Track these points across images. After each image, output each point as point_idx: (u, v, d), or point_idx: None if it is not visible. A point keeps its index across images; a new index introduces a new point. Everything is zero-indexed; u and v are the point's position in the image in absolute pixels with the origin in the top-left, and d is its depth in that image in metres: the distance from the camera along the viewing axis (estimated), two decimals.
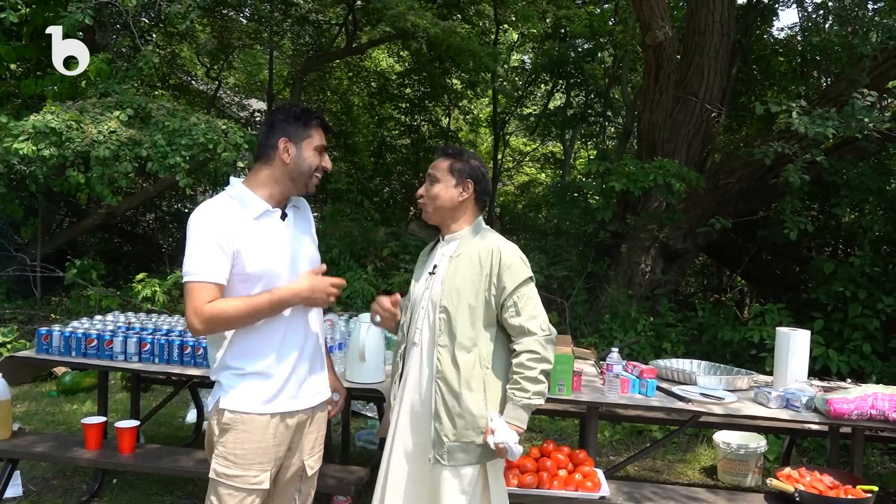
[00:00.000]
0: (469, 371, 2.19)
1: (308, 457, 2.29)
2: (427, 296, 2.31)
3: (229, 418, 2.10)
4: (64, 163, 5.85)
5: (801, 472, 2.87)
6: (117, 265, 10.27)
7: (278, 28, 11.37)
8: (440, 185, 2.31)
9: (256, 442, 2.11)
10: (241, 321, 2.07)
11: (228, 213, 2.10)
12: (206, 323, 2.02)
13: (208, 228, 2.05)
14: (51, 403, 5.50)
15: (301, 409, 2.20)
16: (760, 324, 5.68)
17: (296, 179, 2.19)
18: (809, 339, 3.32)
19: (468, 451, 2.19)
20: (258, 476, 2.11)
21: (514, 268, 2.22)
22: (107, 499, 3.73)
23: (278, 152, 2.16)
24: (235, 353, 2.13)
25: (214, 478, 2.12)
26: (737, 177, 7.14)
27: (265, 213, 2.15)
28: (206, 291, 2.02)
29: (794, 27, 8.94)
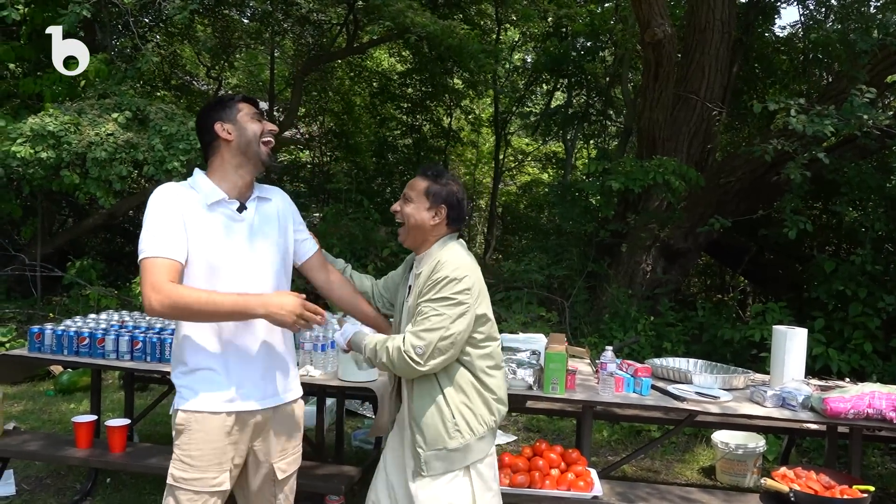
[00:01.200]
0: (426, 387, 2.17)
1: (278, 459, 2.21)
2: (406, 313, 2.28)
3: (183, 419, 2.04)
4: (60, 164, 5.85)
5: (796, 472, 2.83)
6: (119, 265, 10.27)
7: (279, 28, 11.37)
8: (412, 205, 2.24)
9: (213, 442, 2.04)
10: (198, 314, 1.96)
11: (185, 196, 2.05)
12: (164, 302, 1.90)
13: (167, 207, 2.01)
14: (48, 403, 5.49)
15: (260, 409, 2.13)
16: (761, 323, 5.63)
17: (246, 151, 2.13)
18: (806, 337, 3.28)
19: (442, 459, 2.15)
20: (217, 477, 2.06)
21: (439, 283, 2.12)
22: (100, 498, 3.71)
23: (219, 136, 2.12)
24: (187, 349, 2.07)
25: (172, 483, 2.04)
26: (738, 175, 7.10)
27: (219, 202, 2.09)
28: (164, 268, 1.94)
29: (796, 25, 8.88)
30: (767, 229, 6.67)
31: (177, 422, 2.05)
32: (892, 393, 2.87)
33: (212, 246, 2.04)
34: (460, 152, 14.36)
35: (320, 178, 12.83)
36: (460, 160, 14.67)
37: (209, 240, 2.04)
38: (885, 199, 5.62)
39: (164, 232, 1.98)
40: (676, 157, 6.67)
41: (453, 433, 2.15)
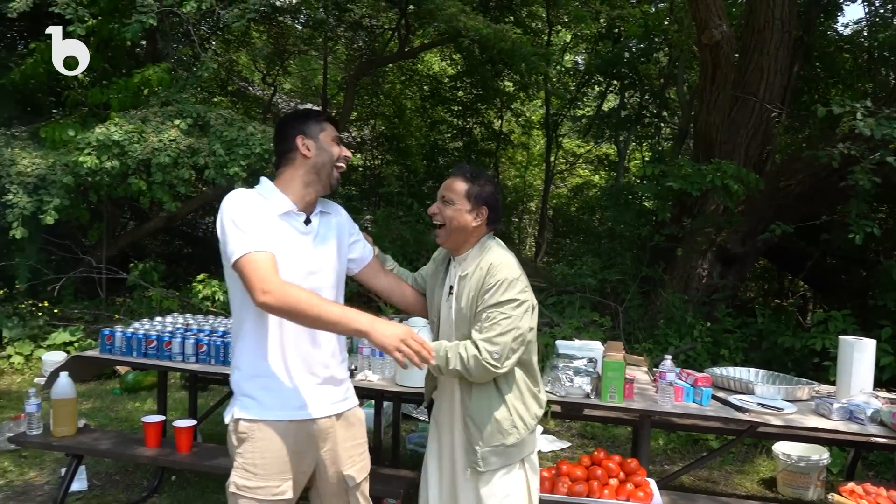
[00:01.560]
0: (484, 388, 2.23)
1: (348, 467, 2.21)
2: (447, 315, 2.32)
3: (246, 427, 2.04)
4: (126, 171, 6.07)
5: (865, 488, 2.75)
6: (178, 267, 10.58)
7: (332, 34, 11.55)
8: (453, 208, 2.24)
9: (276, 450, 2.05)
10: (303, 316, 1.91)
11: (259, 202, 2.07)
12: (278, 295, 1.89)
13: (250, 208, 2.02)
14: (114, 401, 5.70)
15: (322, 416, 2.14)
16: (823, 331, 5.48)
17: (320, 171, 2.15)
18: (875, 348, 3.18)
19: (500, 454, 2.23)
20: (280, 486, 2.05)
21: (496, 286, 2.16)
22: (166, 495, 3.84)
23: (298, 150, 2.13)
24: (249, 357, 2.07)
25: (235, 491, 2.04)
26: (798, 178, 6.90)
27: (288, 213, 2.11)
28: (267, 261, 1.94)
29: (861, 23, 8.60)
30: (830, 234, 6.47)
31: (239, 430, 2.05)
32: None
33: (280, 256, 2.03)
34: (511, 155, 14.34)
35: (372, 181, 12.97)
36: (511, 163, 14.65)
37: (278, 250, 2.03)
38: None
39: (254, 229, 1.98)
40: (734, 160, 6.53)
41: (510, 430, 2.24)
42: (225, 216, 2.01)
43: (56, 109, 9.07)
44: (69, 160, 6.09)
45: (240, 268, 1.95)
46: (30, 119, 8.65)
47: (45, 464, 4.24)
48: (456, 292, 2.27)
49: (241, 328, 2.09)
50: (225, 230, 2.00)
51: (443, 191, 2.28)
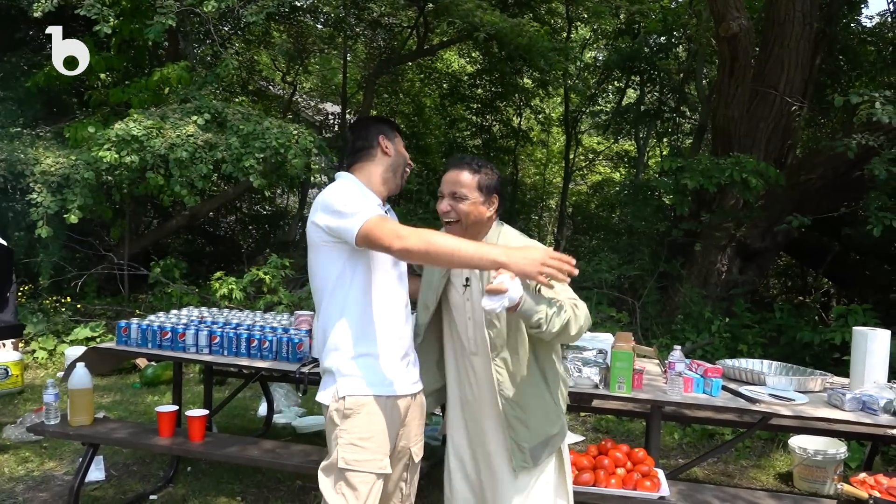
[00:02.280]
0: (527, 377, 2.24)
1: (414, 444, 2.32)
2: (468, 308, 2.29)
3: (353, 403, 2.11)
4: (145, 167, 6.16)
5: (877, 479, 2.71)
6: (199, 265, 10.70)
7: (351, 32, 11.61)
8: (468, 202, 2.23)
9: (382, 424, 2.13)
10: (440, 252, 1.93)
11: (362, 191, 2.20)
12: (411, 238, 1.94)
13: (355, 192, 2.13)
14: (134, 394, 5.79)
15: (408, 394, 2.24)
16: (843, 325, 5.40)
17: (396, 171, 2.29)
18: (889, 339, 3.13)
19: (546, 445, 2.26)
20: (383, 460, 2.13)
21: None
22: (181, 485, 3.90)
23: (380, 147, 2.26)
24: (349, 337, 2.14)
25: (344, 466, 2.08)
26: (819, 172, 6.82)
27: (377, 206, 2.20)
28: (387, 219, 2.05)
29: (885, 14, 8.45)
30: (851, 228, 6.37)
31: (346, 406, 2.10)
32: None
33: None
34: (530, 152, 14.30)
35: None
36: (530, 160, 14.61)
37: None
38: None
39: (364, 204, 2.07)
40: (754, 155, 6.45)
41: (556, 419, 2.28)
42: (334, 203, 2.08)
43: (80, 110, 9.25)
44: (89, 156, 6.20)
45: (365, 234, 2.01)
46: (55, 120, 8.84)
47: (64, 455, 4.32)
48: (478, 287, 2.26)
49: (340, 310, 2.15)
50: (336, 213, 2.07)
51: (451, 186, 2.25)
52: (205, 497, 3.75)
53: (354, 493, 2.07)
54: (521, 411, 2.23)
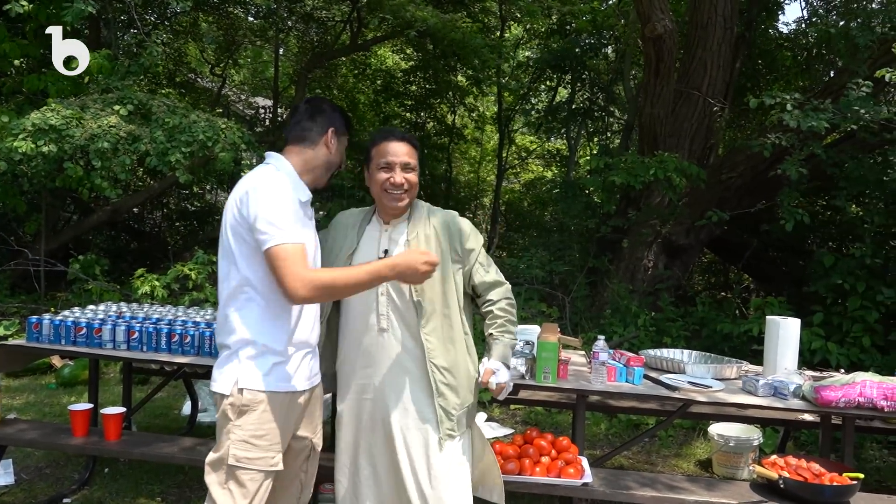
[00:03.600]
0: (455, 343, 2.29)
1: (314, 435, 2.32)
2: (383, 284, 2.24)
3: (249, 399, 2.06)
4: (63, 157, 5.88)
5: (787, 461, 2.83)
6: (123, 262, 10.32)
7: (283, 26, 11.41)
8: (415, 173, 2.31)
9: (276, 422, 2.09)
10: (343, 292, 2.10)
11: (290, 189, 2.11)
12: (314, 290, 1.98)
13: (286, 196, 2.06)
14: (49, 396, 5.53)
15: (307, 389, 2.22)
16: (760, 317, 5.62)
17: (329, 169, 2.25)
18: (800, 328, 3.27)
19: (469, 415, 2.32)
20: (275, 457, 2.11)
21: (472, 233, 2.37)
22: (97, 487, 3.75)
23: (325, 139, 2.20)
24: (255, 328, 2.09)
25: (234, 464, 2.04)
26: (739, 171, 7.09)
27: (308, 200, 2.20)
28: (298, 255, 2.00)
29: (800, 21, 8.85)
30: (768, 224, 6.65)
31: (242, 402, 2.05)
32: (884, 382, 2.87)
33: (308, 241, 2.13)
34: (464, 150, 14.37)
35: None
36: (464, 158, 14.68)
37: (306, 235, 2.13)
38: (886, 194, 5.60)
39: (288, 217, 2.03)
40: (678, 154, 6.65)
41: (475, 388, 2.34)
42: (265, 195, 2.03)
43: None
44: (2, 146, 5.88)
45: (272, 256, 2.00)
46: None
47: None
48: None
49: (247, 298, 2.09)
50: (258, 212, 2.01)
51: (402, 157, 2.26)
52: (122, 499, 3.61)
53: (242, 491, 2.05)
54: (452, 377, 2.26)
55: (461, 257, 2.33)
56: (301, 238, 2.03)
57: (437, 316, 2.26)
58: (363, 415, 2.33)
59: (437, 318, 2.26)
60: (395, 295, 2.27)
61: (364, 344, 2.31)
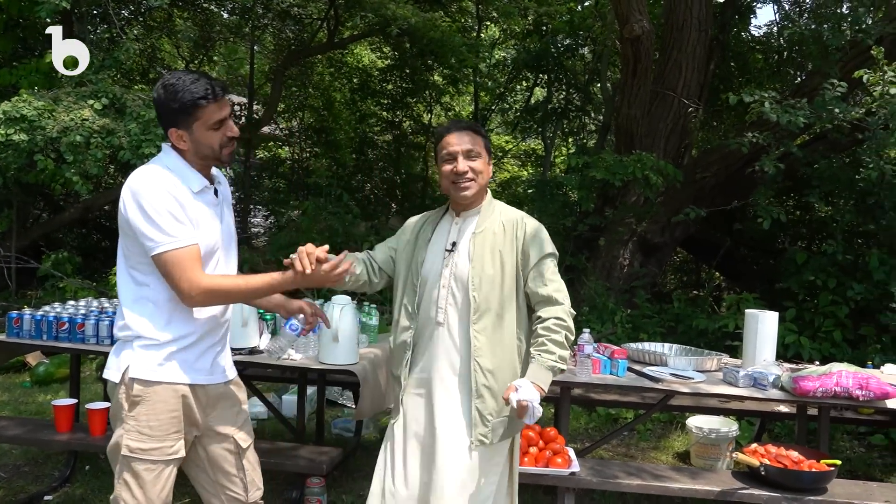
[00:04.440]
0: (504, 348, 2.21)
1: (236, 431, 2.23)
2: (448, 273, 2.24)
3: (140, 390, 2.03)
4: (34, 149, 5.77)
5: (767, 449, 2.91)
6: (94, 260, 10.17)
7: (259, 22, 11.34)
8: (481, 161, 2.26)
9: (170, 412, 2.05)
10: (238, 297, 2.11)
11: (173, 186, 2.02)
12: (206, 295, 1.98)
13: (167, 194, 1.99)
14: (24, 394, 5.45)
15: (213, 384, 2.17)
16: (735, 313, 5.74)
17: (205, 159, 2.11)
18: (777, 321, 3.37)
19: (505, 425, 2.21)
20: (174, 446, 2.07)
21: (539, 239, 2.27)
22: (79, 484, 3.71)
23: (173, 141, 2.08)
24: (152, 320, 2.06)
25: (128, 454, 2.03)
26: (713, 170, 7.22)
27: (203, 189, 2.11)
28: (190, 258, 1.97)
29: (772, 25, 9.05)
30: (741, 223, 6.79)
31: (133, 393, 2.03)
32: (859, 372, 2.97)
33: (211, 231, 2.09)
34: None
35: (300, 174, 12.80)
36: None
37: (207, 225, 2.08)
38: (855, 193, 5.76)
39: (173, 220, 1.97)
40: (654, 153, 6.76)
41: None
42: (141, 202, 1.96)
43: None
44: None
45: (163, 263, 1.96)
46: None
47: None
48: (469, 249, 2.23)
49: (141, 287, 2.06)
50: (140, 218, 1.96)
51: (465, 145, 2.24)
52: (105, 495, 3.57)
53: (137, 481, 2.04)
54: (494, 381, 2.18)
55: (523, 261, 2.25)
56: (190, 238, 1.98)
57: (491, 315, 2.20)
58: (415, 409, 2.28)
59: (490, 317, 2.20)
60: (456, 288, 2.23)
61: (424, 338, 2.28)
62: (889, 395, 2.89)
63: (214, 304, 2.08)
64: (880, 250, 5.43)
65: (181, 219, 1.99)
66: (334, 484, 3.75)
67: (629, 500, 3.69)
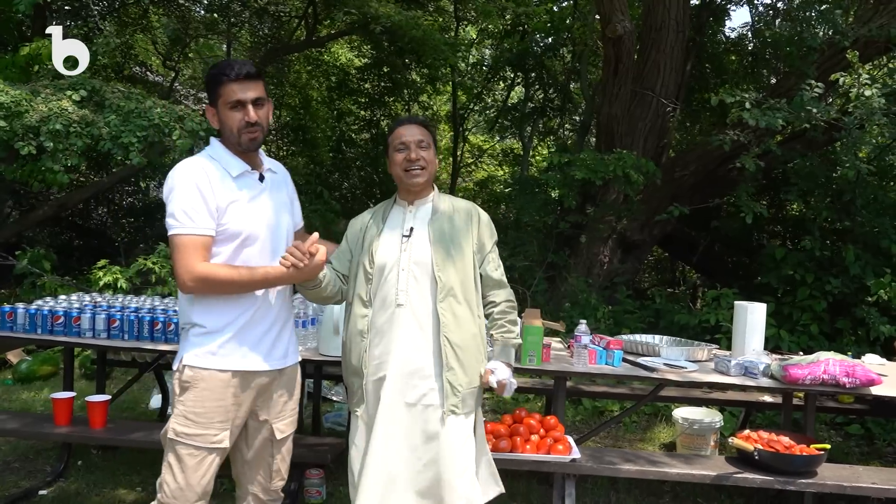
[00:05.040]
0: (467, 323, 2.34)
1: (277, 420, 2.28)
2: (407, 258, 2.34)
3: (189, 375, 2.11)
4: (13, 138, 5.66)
5: (759, 434, 3.01)
6: (69, 259, 10.02)
7: (237, 19, 11.26)
8: (431, 151, 2.44)
9: (216, 400, 2.11)
10: (231, 289, 2.11)
11: (210, 172, 2.12)
12: (198, 282, 2.04)
13: (192, 182, 2.07)
14: (6, 392, 5.37)
15: (264, 371, 2.21)
16: (716, 308, 5.88)
17: (229, 139, 2.20)
18: (765, 312, 3.48)
19: (475, 397, 2.36)
20: (218, 435, 2.12)
21: (491, 227, 2.52)
22: (73, 479, 3.68)
23: (208, 118, 2.22)
24: (203, 310, 2.14)
25: (173, 437, 2.10)
26: (692, 169, 7.37)
27: (244, 173, 2.19)
28: (195, 247, 2.04)
29: (746, 27, 9.24)
30: (719, 221, 6.94)
31: (183, 378, 2.11)
32: (845, 360, 3.08)
33: (247, 214, 2.15)
34: None
35: None
36: None
37: (243, 208, 2.14)
38: (832, 190, 5.94)
39: (192, 207, 2.06)
40: (634, 152, 6.88)
41: (482, 371, 2.37)
42: (171, 185, 2.09)
43: None
44: None
45: (171, 245, 2.07)
46: None
47: None
48: (426, 234, 2.37)
49: None
50: (166, 203, 2.10)
51: (414, 136, 2.40)
52: (101, 489, 3.56)
53: (180, 465, 2.10)
54: (463, 353, 2.31)
55: (478, 246, 2.44)
56: (201, 229, 2.06)
57: (455, 293, 2.33)
58: (378, 391, 2.32)
59: (455, 295, 2.33)
60: (417, 270, 2.33)
61: (379, 322, 2.34)
62: (874, 382, 3.01)
63: (210, 293, 2.11)
64: (856, 246, 5.60)
65: (198, 209, 2.06)
66: (331, 476, 3.78)
67: (621, 487, 3.79)
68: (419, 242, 2.36)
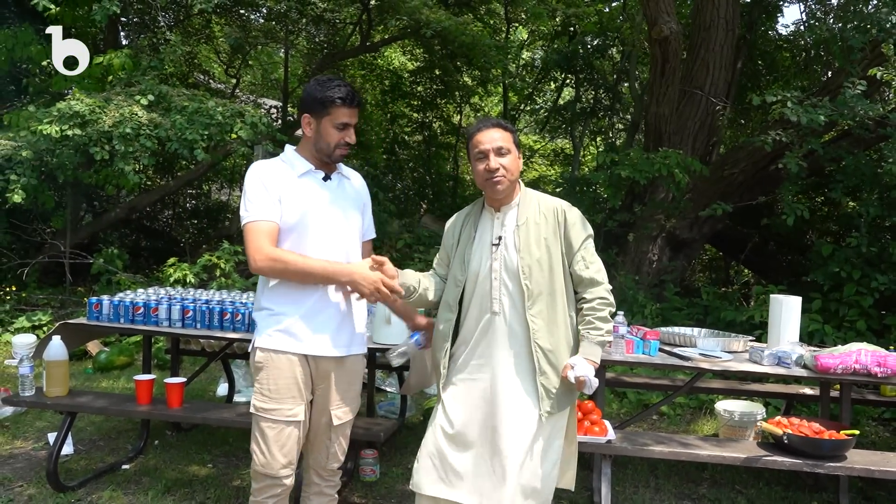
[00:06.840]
0: (559, 326, 2.42)
1: (335, 407, 2.50)
2: (498, 266, 2.43)
3: (261, 357, 2.41)
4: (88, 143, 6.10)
5: (790, 420, 3.13)
6: (137, 258, 10.60)
7: (294, 27, 11.70)
8: (510, 157, 2.42)
9: (286, 378, 2.38)
10: (294, 274, 2.36)
11: (276, 169, 2.43)
12: (268, 261, 2.31)
13: (258, 179, 2.38)
14: (87, 380, 5.81)
15: (327, 356, 2.44)
16: (762, 304, 5.93)
17: (320, 151, 2.45)
18: (800, 305, 3.58)
19: (568, 396, 2.45)
20: (293, 409, 2.39)
21: (579, 225, 2.49)
22: (151, 456, 4.04)
23: (303, 125, 2.45)
24: (271, 294, 2.43)
25: (255, 412, 2.41)
26: (741, 167, 7.38)
27: (308, 172, 2.46)
28: (264, 231, 2.33)
29: (799, 23, 9.18)
30: (769, 218, 6.95)
31: (256, 360, 2.41)
32: (878, 351, 3.18)
33: (302, 207, 2.40)
34: None
35: None
36: None
37: (300, 202, 2.40)
38: (880, 187, 5.92)
39: (258, 199, 2.35)
40: (682, 150, 6.96)
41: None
42: (245, 184, 2.40)
43: (17, 98, 9.05)
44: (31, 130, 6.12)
45: (244, 232, 2.36)
46: None
47: (28, 433, 4.38)
48: (515, 241, 2.41)
49: None
50: (243, 195, 2.40)
51: (494, 143, 2.40)
52: (177, 465, 3.90)
53: (262, 437, 2.39)
54: (555, 358, 2.39)
55: (566, 247, 2.45)
56: (269, 216, 2.34)
57: (543, 299, 2.39)
58: (473, 392, 2.43)
59: (543, 300, 2.39)
60: (508, 278, 2.42)
61: (478, 328, 2.45)
62: None
63: (277, 275, 2.37)
64: None
65: (266, 200, 2.36)
66: (384, 457, 4.04)
67: (660, 473, 3.93)
68: (508, 250, 2.42)
